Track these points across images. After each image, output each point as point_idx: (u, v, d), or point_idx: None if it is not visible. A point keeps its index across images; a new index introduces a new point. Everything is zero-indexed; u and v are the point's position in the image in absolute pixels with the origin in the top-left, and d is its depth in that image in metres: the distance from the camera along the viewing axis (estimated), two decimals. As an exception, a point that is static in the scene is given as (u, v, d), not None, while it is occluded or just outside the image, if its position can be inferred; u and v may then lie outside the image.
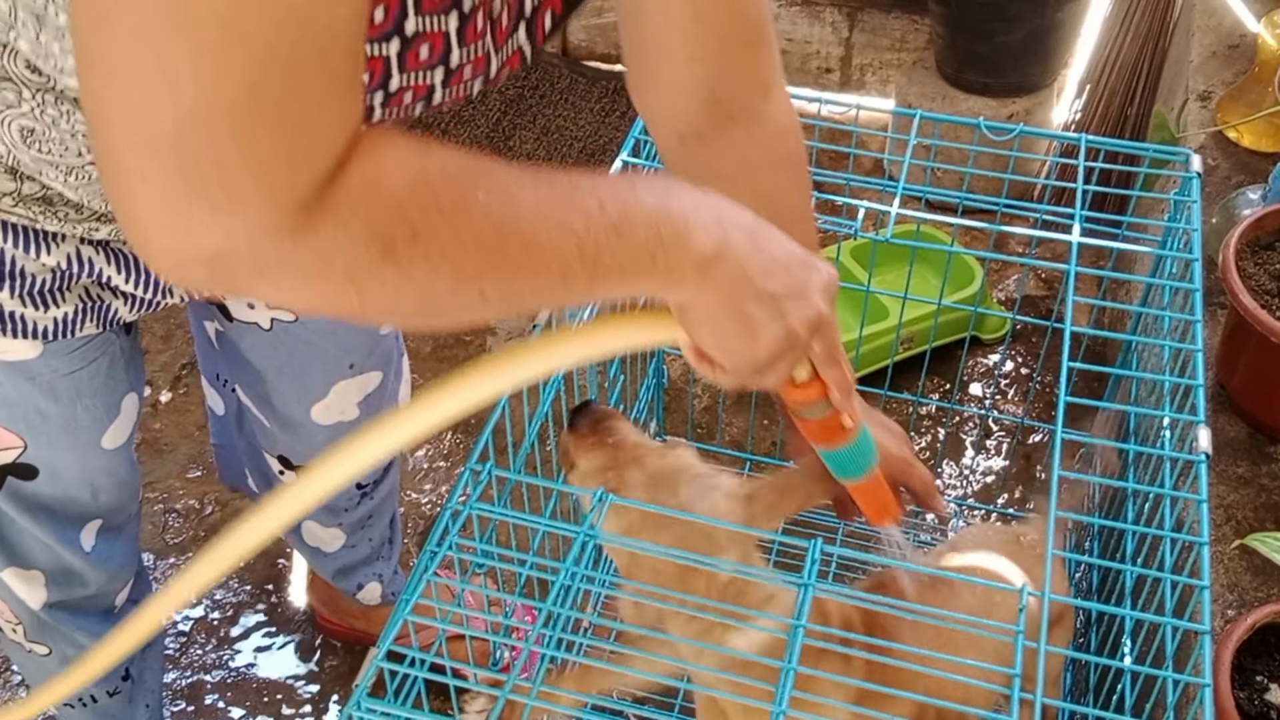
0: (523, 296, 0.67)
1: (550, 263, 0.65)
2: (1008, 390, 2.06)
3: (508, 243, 0.63)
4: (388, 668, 0.82)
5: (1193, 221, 1.27)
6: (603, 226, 0.66)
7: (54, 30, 0.76)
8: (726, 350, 0.75)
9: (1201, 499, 0.99)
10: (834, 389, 0.84)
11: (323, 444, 1.34)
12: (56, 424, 1.06)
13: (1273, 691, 1.08)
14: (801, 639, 0.84)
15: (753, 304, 0.73)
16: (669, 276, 0.70)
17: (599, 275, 0.67)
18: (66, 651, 1.26)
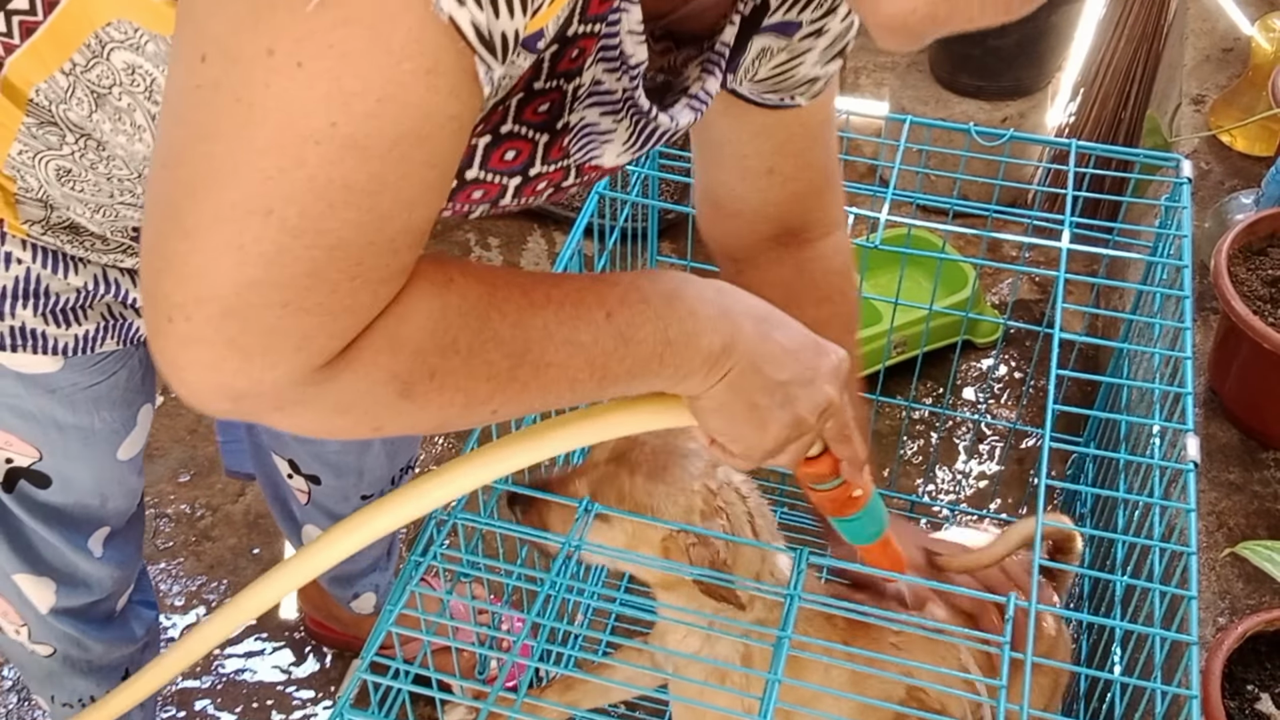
0: (533, 408, 0.70)
1: (559, 377, 0.68)
2: (1001, 395, 2.06)
3: (519, 368, 0.66)
4: (371, 679, 0.81)
5: (1183, 227, 1.27)
6: (610, 336, 0.69)
7: (111, 110, 0.80)
8: (737, 438, 0.77)
9: (1190, 508, 0.99)
10: (845, 465, 0.86)
11: (333, 453, 1.34)
12: (74, 436, 1.06)
13: (1263, 701, 1.08)
14: (788, 649, 0.83)
15: (762, 394, 0.75)
16: (677, 373, 0.72)
17: (608, 380, 0.70)
18: (70, 652, 1.26)
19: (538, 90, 0.69)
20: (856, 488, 0.88)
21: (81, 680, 1.29)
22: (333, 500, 1.40)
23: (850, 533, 0.94)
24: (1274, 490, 1.39)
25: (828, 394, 0.77)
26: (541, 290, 0.68)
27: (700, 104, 0.78)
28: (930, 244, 1.99)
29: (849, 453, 0.85)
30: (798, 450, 0.79)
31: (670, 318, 0.71)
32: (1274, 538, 1.34)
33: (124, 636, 1.30)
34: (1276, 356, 1.31)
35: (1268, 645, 1.12)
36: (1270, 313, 1.37)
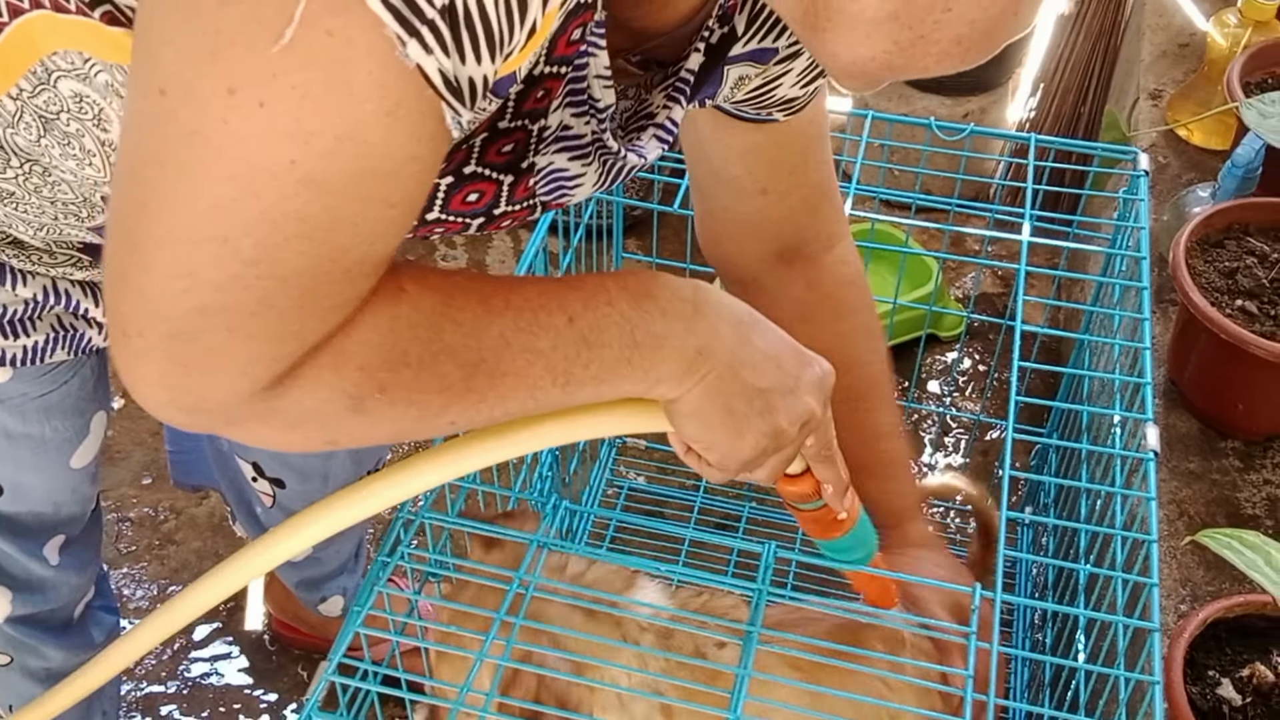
0: (494, 416, 0.68)
1: (518, 386, 0.66)
2: (966, 387, 2.08)
3: (474, 379, 0.65)
4: (339, 681, 0.81)
5: (1140, 219, 1.28)
6: (572, 342, 0.67)
7: (60, 134, 0.79)
8: (713, 446, 0.74)
9: (1150, 496, 1.00)
10: (826, 486, 0.83)
11: (297, 457, 1.34)
12: (24, 445, 1.05)
13: (1224, 686, 1.09)
14: (756, 645, 0.84)
15: (740, 400, 0.72)
16: (648, 377, 0.70)
17: (573, 386, 0.68)
18: (27, 661, 1.25)
19: (502, 130, 0.69)
20: (841, 510, 0.85)
21: (39, 688, 1.28)
22: (298, 503, 1.40)
23: (835, 555, 0.91)
24: (1233, 479, 1.41)
25: (809, 405, 0.75)
26: (500, 296, 0.66)
27: (667, 134, 0.78)
28: (894, 239, 2.00)
29: (830, 473, 0.82)
30: (776, 464, 0.77)
31: (638, 320, 0.69)
32: (1233, 525, 1.35)
33: (83, 643, 1.28)
34: (1233, 347, 1.33)
35: (1228, 631, 1.14)
36: (1227, 304, 1.39)
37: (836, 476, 0.82)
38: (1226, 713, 1.07)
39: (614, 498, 1.74)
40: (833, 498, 0.83)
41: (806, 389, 0.75)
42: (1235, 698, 1.08)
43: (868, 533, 0.91)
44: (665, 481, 1.82)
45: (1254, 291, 1.40)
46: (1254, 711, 1.07)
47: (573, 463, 1.52)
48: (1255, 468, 1.42)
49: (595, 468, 1.72)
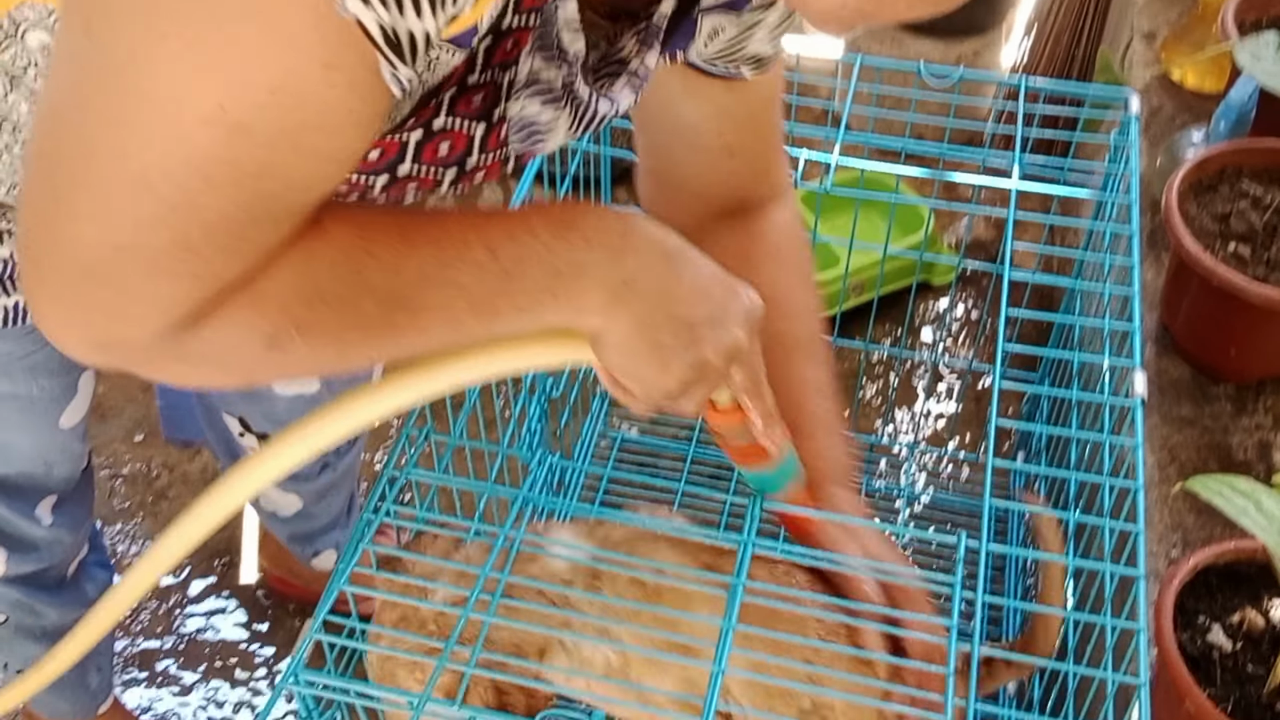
0: (415, 350, 0.68)
1: (439, 320, 0.66)
2: (958, 334, 2.07)
3: (394, 315, 0.64)
4: (325, 639, 0.81)
5: (1131, 164, 1.27)
6: (494, 274, 0.66)
7: (26, 91, 0.78)
8: (637, 378, 0.73)
9: (1137, 443, 1.00)
10: (754, 419, 0.82)
11: (283, 412, 1.33)
12: (12, 406, 1.05)
13: (1214, 632, 1.10)
14: (741, 596, 0.84)
15: (665, 333, 0.71)
16: (572, 307, 0.69)
17: (494, 319, 0.68)
18: (23, 619, 1.25)
19: (471, 85, 0.68)
20: (769, 444, 0.84)
21: (35, 646, 1.29)
22: None
23: (758, 485, 0.90)
24: (1224, 424, 1.41)
25: (736, 337, 0.74)
26: (421, 230, 0.65)
27: (639, 81, 0.77)
28: (884, 186, 1.98)
29: (758, 407, 0.81)
30: (701, 394, 0.76)
31: (561, 250, 0.68)
32: (1225, 470, 1.35)
33: (78, 600, 1.29)
34: (1225, 292, 1.32)
35: (1218, 577, 1.14)
36: (1220, 248, 1.38)
37: (764, 409, 0.81)
38: (1217, 658, 1.08)
39: (607, 450, 1.73)
40: (759, 430, 0.82)
41: (734, 320, 0.74)
42: (1226, 643, 1.09)
43: (794, 466, 0.90)
44: (658, 433, 1.81)
45: (1247, 235, 1.39)
46: (1244, 657, 1.08)
47: (564, 416, 1.51)
48: (1247, 412, 1.42)
49: (587, 421, 1.72)
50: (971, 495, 1.75)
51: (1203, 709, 1.02)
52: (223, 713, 1.61)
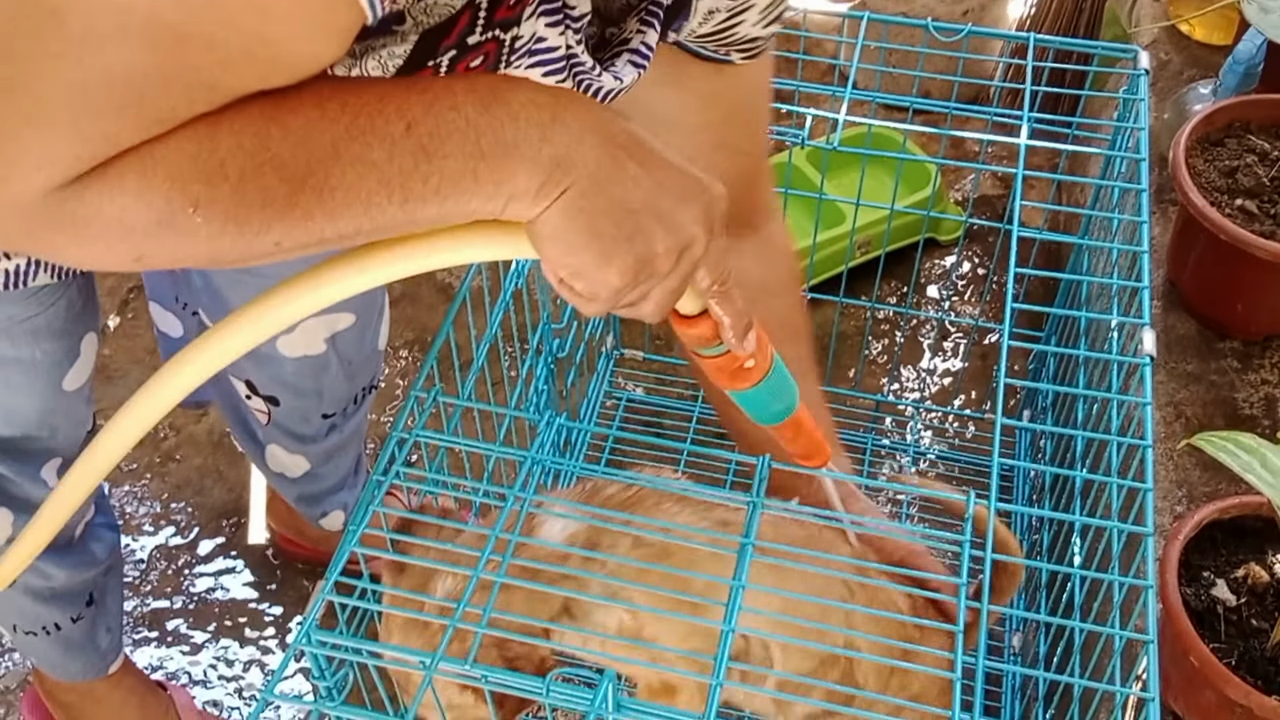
0: (326, 238, 0.62)
1: (350, 203, 0.60)
2: (965, 291, 2.06)
3: (299, 194, 0.59)
4: (337, 599, 0.82)
5: (1140, 120, 1.26)
6: (409, 152, 0.60)
7: None
8: (578, 273, 0.66)
9: (1146, 401, 1.00)
10: (726, 324, 0.74)
11: (291, 374, 1.33)
12: (14, 369, 1.04)
13: (1219, 586, 1.10)
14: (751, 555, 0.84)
15: (605, 221, 0.64)
16: (499, 192, 0.63)
17: (412, 203, 0.62)
18: (31, 581, 1.26)
19: (471, 45, 0.66)
20: (748, 357, 0.77)
21: (44, 607, 1.29)
22: (293, 420, 1.40)
23: (751, 409, 0.84)
24: (1231, 380, 1.41)
25: (690, 231, 0.67)
26: (337, 100, 0.59)
27: (642, 59, 0.74)
28: (891, 143, 1.97)
29: (729, 311, 0.74)
30: (660, 297, 0.69)
31: (485, 127, 0.61)
32: (1231, 427, 1.36)
33: (85, 561, 1.30)
34: (1233, 247, 1.32)
35: (1223, 532, 1.14)
36: (1227, 204, 1.37)
37: (736, 314, 0.74)
38: (1221, 613, 1.09)
39: (612, 410, 1.74)
40: (733, 339, 0.75)
41: (689, 212, 0.67)
42: (1230, 598, 1.09)
43: (784, 383, 0.83)
44: (664, 392, 1.81)
45: (1254, 191, 1.38)
46: (1248, 611, 1.08)
47: (570, 376, 1.51)
48: (1253, 368, 1.42)
49: (593, 380, 1.72)
50: (977, 453, 1.75)
51: (1207, 663, 1.03)
52: (233, 671, 1.62)
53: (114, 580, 1.39)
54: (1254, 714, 1.02)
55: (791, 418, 0.86)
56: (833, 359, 1.81)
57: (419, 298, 2.06)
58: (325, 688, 0.81)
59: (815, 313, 1.96)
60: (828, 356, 1.86)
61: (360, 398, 1.43)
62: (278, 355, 1.29)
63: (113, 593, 1.39)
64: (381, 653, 0.86)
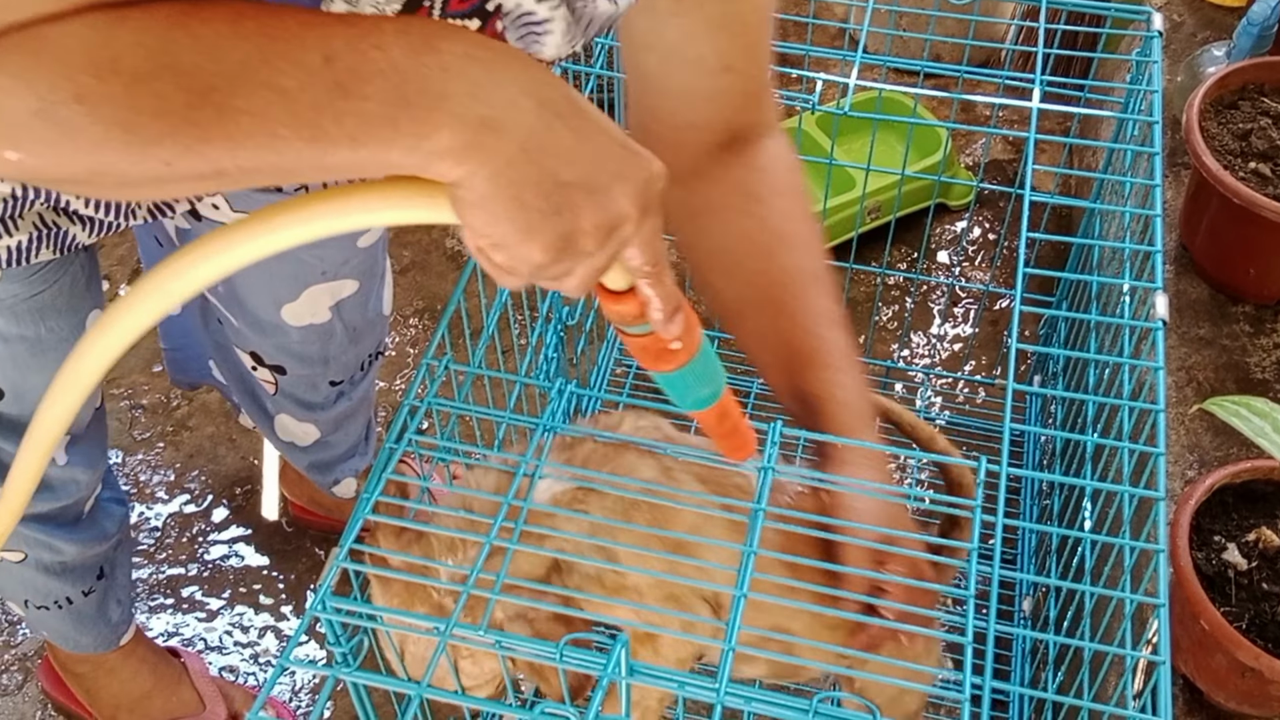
0: (223, 166, 0.57)
1: (253, 130, 0.56)
2: (975, 256, 2.06)
3: (198, 109, 0.54)
4: (351, 567, 0.82)
5: (1154, 82, 1.25)
6: (323, 85, 0.56)
7: None
8: (500, 244, 0.63)
9: (1158, 366, 1.00)
10: (652, 306, 0.71)
11: (296, 343, 1.34)
12: (21, 347, 1.04)
13: (1230, 551, 1.10)
14: (762, 521, 0.84)
15: (532, 192, 0.60)
16: (420, 148, 0.58)
17: (323, 143, 0.57)
18: (41, 556, 1.27)
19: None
20: (673, 339, 0.74)
21: (55, 581, 1.30)
22: (301, 389, 1.40)
23: (673, 392, 0.80)
24: (1243, 344, 1.41)
25: (622, 209, 0.63)
26: (256, 18, 0.55)
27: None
28: (902, 107, 1.96)
29: (659, 293, 0.70)
30: (584, 275, 0.66)
31: (412, 74, 0.57)
32: (1242, 391, 1.35)
33: (95, 535, 1.30)
34: (1246, 211, 1.31)
35: (1234, 497, 1.14)
36: (1240, 167, 1.36)
37: (665, 295, 0.71)
38: (1232, 577, 1.09)
39: (622, 378, 1.74)
40: (660, 321, 0.72)
41: (624, 189, 0.64)
42: (1240, 562, 1.09)
43: (710, 369, 0.80)
44: (673, 358, 1.81)
45: (1268, 154, 1.37)
46: (1259, 575, 1.09)
47: (580, 343, 1.51)
48: (1265, 332, 1.42)
49: (603, 348, 1.72)
50: (987, 418, 1.75)
51: (1218, 626, 1.04)
52: (248, 638, 1.63)
53: (124, 553, 1.40)
54: (1264, 677, 1.03)
55: (716, 406, 0.82)
56: (843, 325, 1.81)
57: (429, 265, 2.06)
58: (340, 653, 0.82)
59: (825, 279, 1.96)
60: (838, 322, 1.86)
61: (367, 364, 1.44)
62: (283, 325, 1.30)
63: (122, 566, 1.41)
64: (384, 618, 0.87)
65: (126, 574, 1.42)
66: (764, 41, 0.94)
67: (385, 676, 0.79)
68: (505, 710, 0.84)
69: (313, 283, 1.26)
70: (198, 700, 1.51)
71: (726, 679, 0.74)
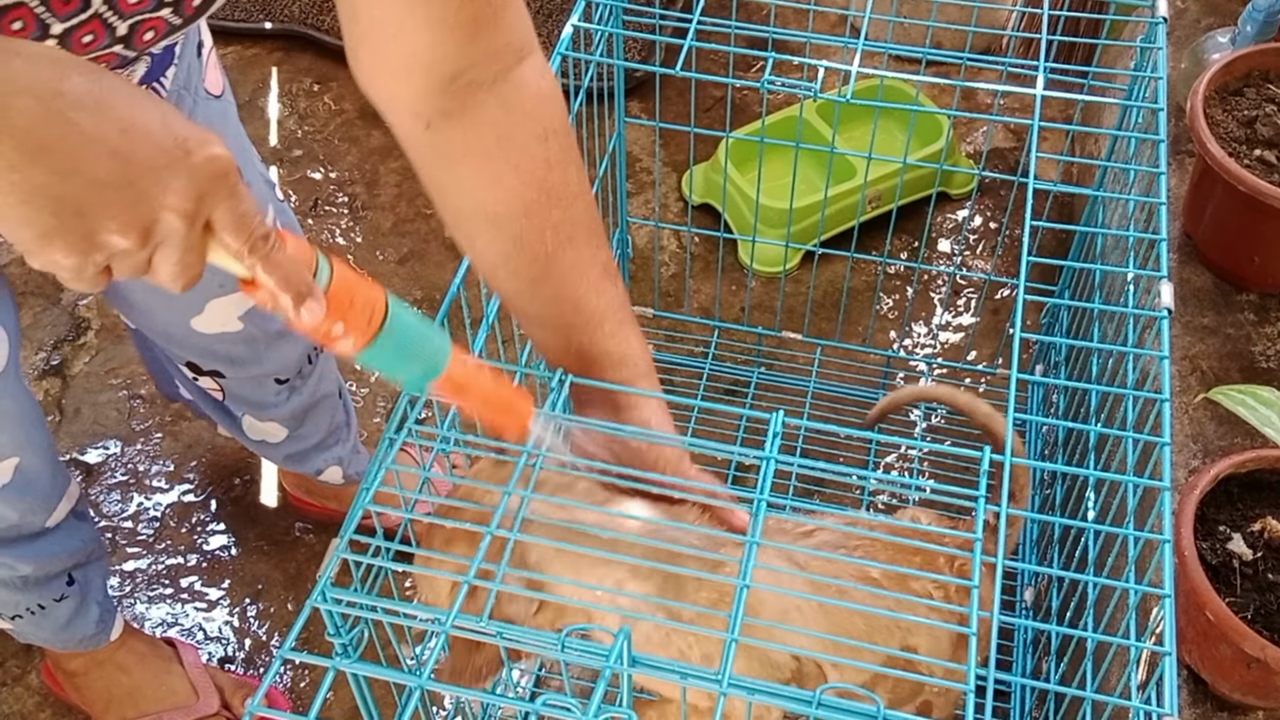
0: None
1: None
2: (976, 245, 2.05)
3: None
4: (351, 557, 0.82)
5: (1158, 69, 1.24)
6: None
7: None
8: (27, 252, 0.61)
9: (1163, 355, 0.99)
10: (274, 295, 0.68)
11: (219, 347, 1.30)
12: None
13: (1235, 541, 1.10)
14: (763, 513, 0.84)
15: (43, 197, 0.58)
16: None
17: None
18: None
19: None
20: (331, 323, 0.71)
21: (19, 595, 1.29)
22: (247, 390, 1.39)
23: (385, 373, 0.77)
24: (1247, 333, 1.40)
25: (157, 203, 0.60)
26: None
27: None
28: (904, 95, 1.95)
29: (277, 279, 0.67)
30: (170, 270, 0.64)
31: None
32: (1247, 380, 1.35)
33: (54, 553, 1.28)
34: (1251, 199, 1.30)
35: (1239, 486, 1.14)
36: (1245, 154, 1.35)
37: (285, 280, 0.67)
38: (1237, 567, 1.08)
39: (623, 365, 1.73)
40: (287, 307, 0.69)
41: (161, 181, 0.60)
42: (1246, 552, 1.09)
43: (411, 345, 0.76)
44: (673, 349, 1.81)
45: (1273, 141, 1.36)
46: (1264, 565, 1.08)
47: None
48: (1270, 321, 1.41)
49: (603, 336, 1.71)
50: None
51: (1223, 617, 1.03)
52: (248, 628, 1.63)
53: (95, 563, 1.38)
54: (1269, 668, 1.02)
55: (446, 382, 0.78)
56: (844, 314, 1.80)
57: (427, 255, 2.05)
58: (341, 644, 0.81)
59: (826, 268, 1.96)
60: (838, 312, 1.85)
61: (313, 356, 1.41)
62: (197, 333, 1.28)
63: (97, 573, 1.39)
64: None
65: (103, 576, 1.41)
66: None
67: (386, 668, 0.78)
68: (506, 702, 0.83)
69: (212, 296, 1.24)
70: (190, 691, 1.50)
71: (729, 673, 0.73)
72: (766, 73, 1.29)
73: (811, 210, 1.86)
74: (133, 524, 1.73)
